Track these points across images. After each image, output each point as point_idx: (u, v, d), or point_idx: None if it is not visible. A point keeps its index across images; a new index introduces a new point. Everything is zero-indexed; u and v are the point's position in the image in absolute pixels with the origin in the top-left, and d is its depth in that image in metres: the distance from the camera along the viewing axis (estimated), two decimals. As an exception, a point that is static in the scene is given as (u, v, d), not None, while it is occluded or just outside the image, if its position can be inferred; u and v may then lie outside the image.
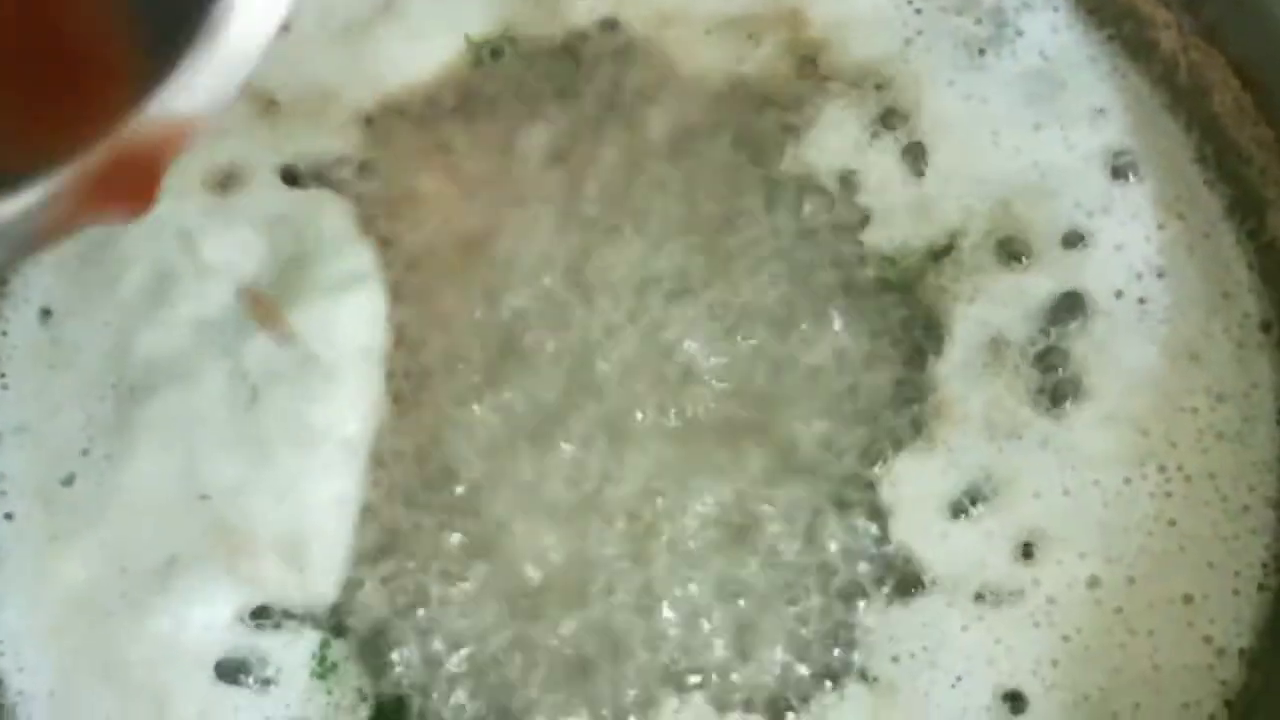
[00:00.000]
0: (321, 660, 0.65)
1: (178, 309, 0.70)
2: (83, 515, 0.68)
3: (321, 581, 0.65)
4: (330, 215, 0.71)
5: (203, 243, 0.71)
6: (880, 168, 0.69)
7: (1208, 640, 0.63)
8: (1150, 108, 0.70)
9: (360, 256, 0.70)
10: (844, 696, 0.63)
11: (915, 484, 0.65)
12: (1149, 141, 0.69)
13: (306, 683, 0.65)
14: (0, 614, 0.67)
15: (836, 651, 0.63)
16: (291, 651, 0.65)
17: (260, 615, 0.65)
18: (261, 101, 0.73)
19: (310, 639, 0.65)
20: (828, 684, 0.63)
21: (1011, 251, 0.68)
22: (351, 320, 0.69)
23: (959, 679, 0.63)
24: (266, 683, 0.65)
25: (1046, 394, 0.66)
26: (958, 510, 0.65)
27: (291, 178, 0.72)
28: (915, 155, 0.69)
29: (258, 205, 0.71)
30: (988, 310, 0.67)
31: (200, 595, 0.66)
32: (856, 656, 0.63)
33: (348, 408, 0.68)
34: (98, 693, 0.66)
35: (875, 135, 0.70)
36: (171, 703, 0.65)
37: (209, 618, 0.66)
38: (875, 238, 0.69)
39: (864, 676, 0.63)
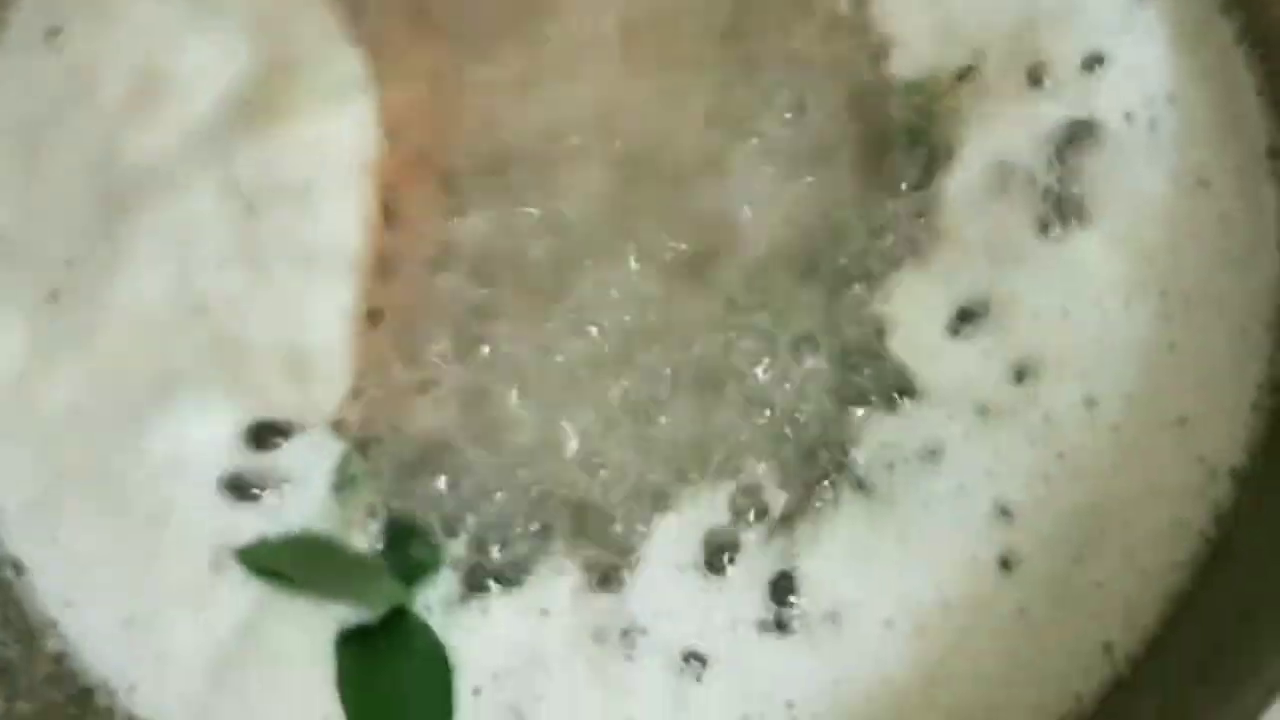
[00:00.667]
0: (342, 473, 0.64)
1: (162, 114, 0.67)
2: (70, 331, 0.66)
3: (325, 395, 0.64)
4: (317, 18, 0.68)
5: (185, 45, 0.68)
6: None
7: (1201, 460, 0.63)
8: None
9: (349, 63, 0.68)
10: (840, 504, 0.63)
11: (912, 301, 0.65)
12: (1160, -36, 0.68)
13: (318, 497, 0.63)
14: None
15: (830, 458, 0.63)
16: (300, 466, 0.64)
17: (266, 431, 0.64)
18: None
19: (321, 453, 0.64)
20: (826, 491, 0.63)
21: (1032, 74, 0.66)
22: (343, 131, 0.67)
23: (959, 487, 0.63)
24: (274, 495, 0.64)
25: (1053, 218, 0.65)
26: (954, 328, 0.64)
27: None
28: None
29: (243, 4, 0.68)
30: (999, 135, 0.66)
31: (200, 412, 0.64)
32: (855, 461, 0.63)
33: (343, 221, 0.66)
34: (84, 504, 0.64)
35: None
36: (173, 520, 0.64)
37: (210, 435, 0.64)
38: (898, 65, 0.67)
39: (860, 485, 0.63)
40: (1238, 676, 0.56)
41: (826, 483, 0.63)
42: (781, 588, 0.62)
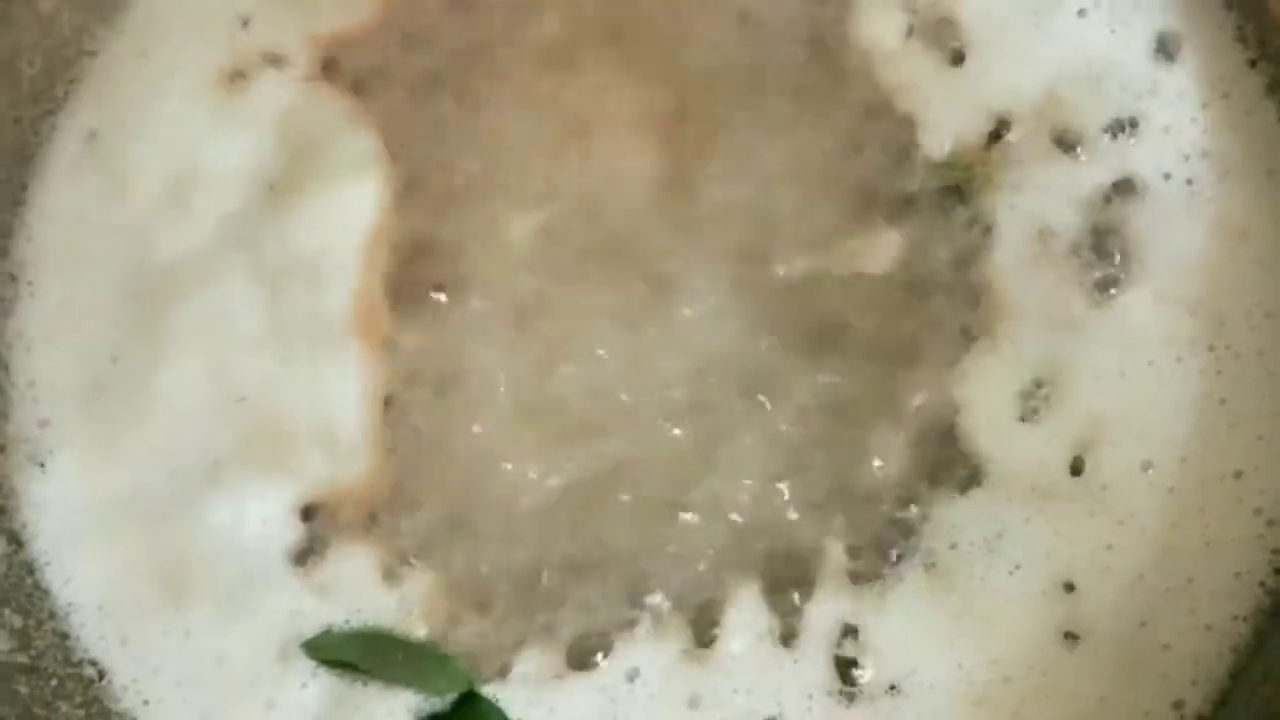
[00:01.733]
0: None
1: (194, 210, 0.69)
2: (121, 421, 0.67)
3: (359, 469, 0.66)
4: (333, 102, 0.71)
5: (213, 142, 0.70)
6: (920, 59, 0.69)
7: (1258, 512, 0.63)
8: (1190, -12, 0.70)
9: (359, 142, 0.70)
10: (904, 580, 0.64)
11: (982, 379, 0.65)
12: (1190, 23, 0.69)
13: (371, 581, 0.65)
14: (42, 523, 0.67)
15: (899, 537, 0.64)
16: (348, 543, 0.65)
17: (312, 510, 0.66)
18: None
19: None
20: (893, 567, 0.64)
21: (1063, 141, 0.67)
22: (353, 203, 0.69)
23: (1017, 567, 0.63)
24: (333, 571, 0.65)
25: (1100, 280, 0.66)
26: (1022, 407, 0.65)
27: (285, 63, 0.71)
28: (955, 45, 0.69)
29: (263, 103, 0.71)
30: (1036, 202, 0.67)
31: (253, 492, 0.66)
32: (921, 540, 0.64)
33: (355, 296, 0.67)
34: (152, 597, 0.65)
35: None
36: (239, 607, 0.65)
37: (265, 512, 0.65)
38: (925, 140, 0.68)
39: (925, 564, 0.64)
40: (1309, 729, 0.56)
41: (895, 559, 0.64)
42: (846, 660, 0.63)
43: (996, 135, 0.68)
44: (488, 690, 0.63)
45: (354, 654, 0.63)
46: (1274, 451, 0.64)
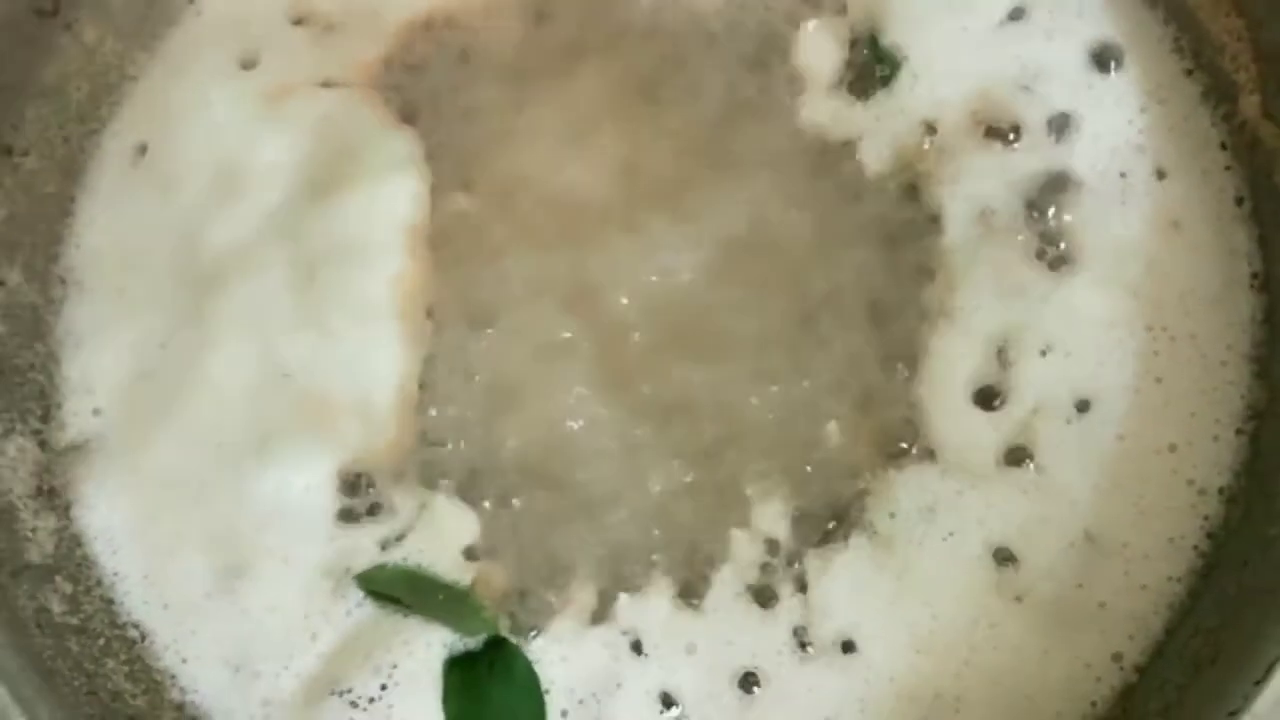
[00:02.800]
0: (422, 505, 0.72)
1: (240, 205, 0.75)
2: (170, 404, 0.74)
3: (397, 435, 0.72)
4: (371, 108, 0.78)
5: (257, 141, 0.77)
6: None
7: (1190, 483, 0.69)
8: (1130, 3, 0.75)
9: (399, 142, 0.76)
10: (848, 547, 0.70)
11: (937, 361, 0.72)
12: (1129, 33, 0.75)
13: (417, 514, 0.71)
14: (92, 500, 0.73)
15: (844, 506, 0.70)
16: (389, 507, 0.72)
17: (358, 480, 0.72)
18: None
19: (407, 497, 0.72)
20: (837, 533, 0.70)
21: (997, 133, 0.74)
22: (394, 198, 0.75)
23: (950, 534, 0.69)
24: (379, 519, 0.71)
25: (1041, 251, 0.72)
26: (974, 383, 0.71)
27: (330, 83, 0.78)
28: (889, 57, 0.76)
29: (303, 109, 0.77)
30: (975, 186, 0.73)
31: (297, 463, 0.72)
32: (863, 509, 0.70)
33: (396, 278, 0.74)
34: (195, 562, 0.72)
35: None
36: (295, 553, 0.71)
37: (310, 480, 0.72)
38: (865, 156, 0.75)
39: (865, 530, 0.70)
40: (1230, 672, 0.62)
41: (840, 525, 0.70)
42: (798, 620, 0.69)
43: (931, 132, 0.74)
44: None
45: (400, 589, 0.70)
46: (1206, 427, 0.70)
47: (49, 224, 0.77)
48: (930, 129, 0.74)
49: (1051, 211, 0.72)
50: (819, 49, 0.77)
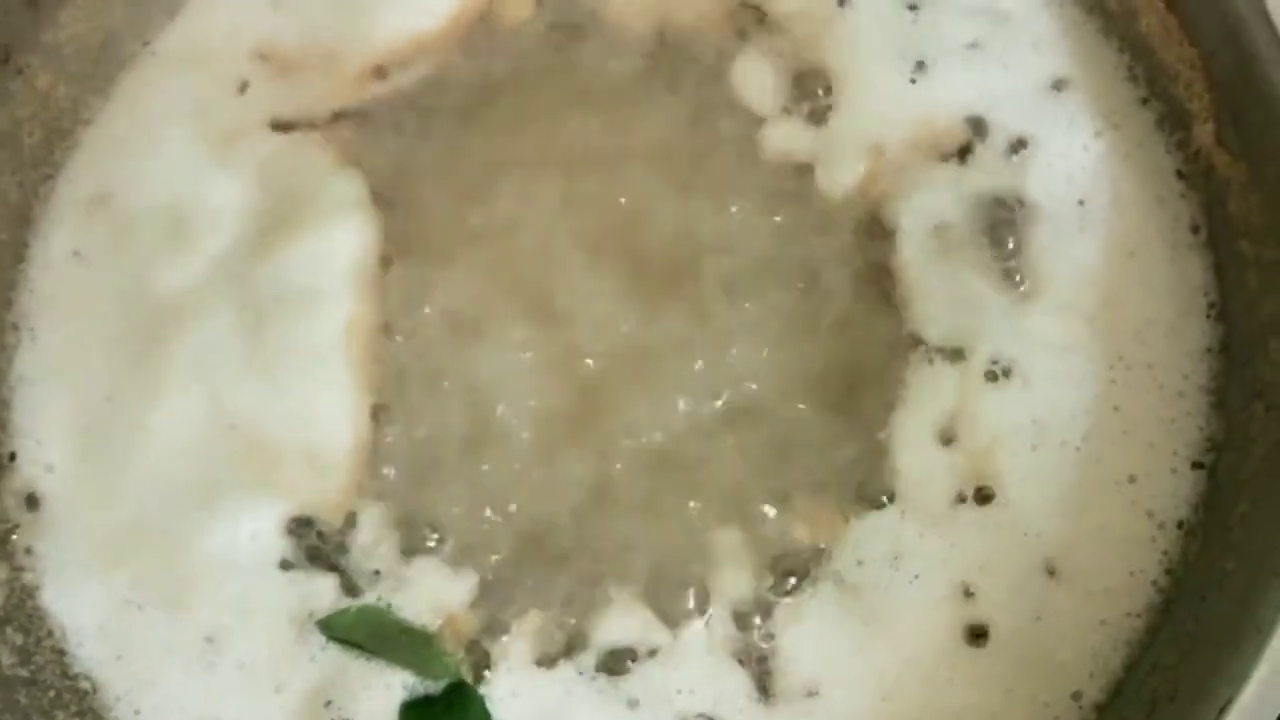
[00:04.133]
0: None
1: (190, 249, 0.75)
2: (117, 457, 0.73)
3: (347, 481, 0.72)
4: (318, 152, 0.77)
5: (209, 187, 0.77)
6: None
7: (1150, 515, 0.69)
8: (1085, 32, 0.75)
9: (346, 185, 0.76)
10: (816, 594, 0.69)
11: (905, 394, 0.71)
12: (1084, 63, 0.75)
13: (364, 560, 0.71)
14: (43, 552, 0.72)
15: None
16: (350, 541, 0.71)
17: (303, 526, 0.71)
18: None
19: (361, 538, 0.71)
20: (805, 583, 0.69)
21: (947, 154, 0.73)
22: (342, 242, 0.75)
23: (916, 577, 0.68)
24: (332, 566, 0.71)
25: (999, 268, 0.72)
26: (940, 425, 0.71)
27: (283, 126, 0.78)
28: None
29: (253, 152, 0.77)
30: (928, 202, 0.73)
31: (245, 512, 0.71)
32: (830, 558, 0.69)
33: (345, 323, 0.73)
34: (147, 615, 0.71)
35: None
36: (245, 608, 0.70)
37: (256, 528, 0.71)
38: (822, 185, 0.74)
39: (834, 579, 0.69)
40: (1187, 710, 0.61)
41: (806, 576, 0.69)
42: (763, 668, 0.68)
43: (879, 155, 0.74)
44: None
45: (361, 634, 0.70)
46: (1164, 459, 0.69)
47: (2, 270, 0.77)
48: (879, 151, 0.74)
49: (1008, 236, 0.72)
50: (758, 79, 0.76)
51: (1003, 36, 0.75)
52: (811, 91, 0.75)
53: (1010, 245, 0.72)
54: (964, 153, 0.74)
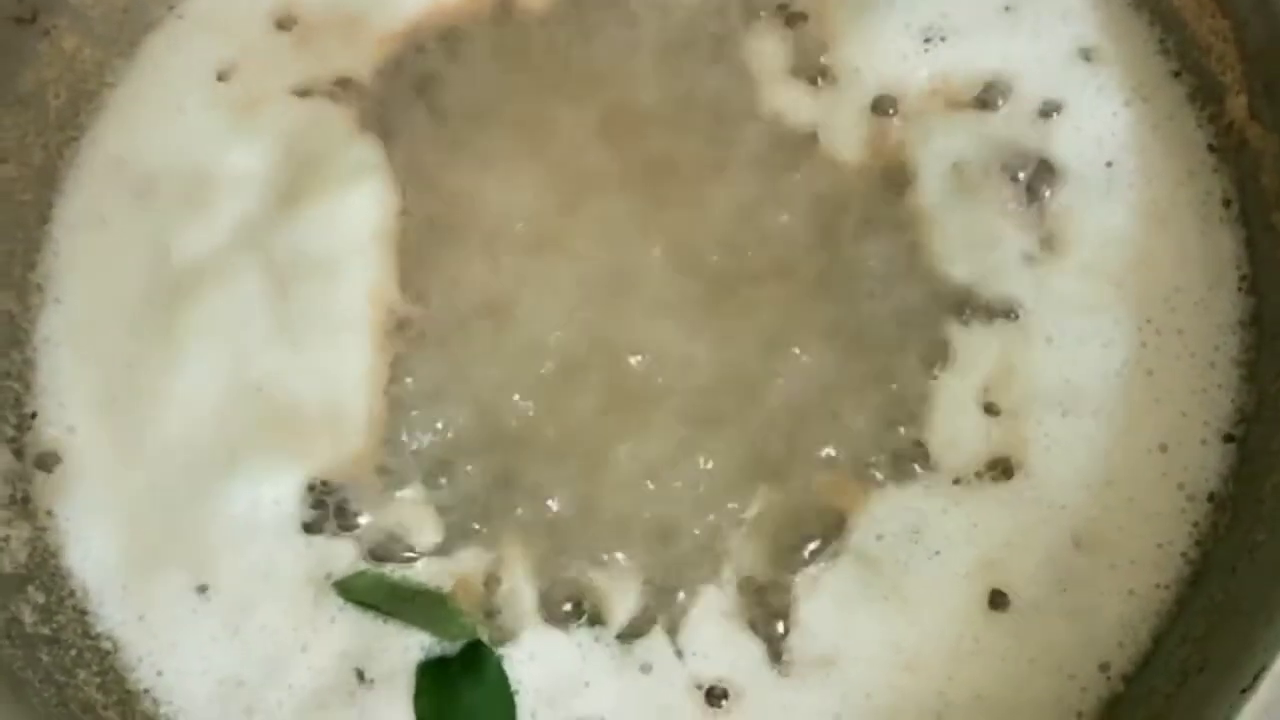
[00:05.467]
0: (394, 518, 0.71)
1: (210, 213, 0.75)
2: (138, 421, 0.73)
3: (368, 444, 0.71)
4: (338, 118, 0.77)
5: (231, 151, 0.77)
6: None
7: (1180, 487, 0.68)
8: (1115, 4, 0.75)
9: (363, 150, 0.76)
10: (836, 567, 0.69)
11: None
12: (1115, 36, 0.74)
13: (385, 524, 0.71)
14: (65, 513, 0.72)
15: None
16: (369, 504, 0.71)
17: (324, 488, 0.71)
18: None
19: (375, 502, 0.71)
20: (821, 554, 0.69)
21: (962, 103, 0.74)
22: (359, 207, 0.75)
23: (937, 553, 0.68)
24: (352, 528, 0.70)
25: (1023, 202, 0.72)
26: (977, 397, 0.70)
27: (304, 91, 0.78)
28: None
29: (274, 117, 0.77)
30: (945, 145, 0.73)
31: (266, 475, 0.71)
32: (850, 531, 0.69)
33: (366, 288, 0.73)
34: (170, 578, 0.71)
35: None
36: (267, 570, 0.70)
37: (281, 492, 0.71)
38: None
39: (854, 552, 0.69)
40: (1217, 681, 0.60)
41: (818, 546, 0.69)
42: (778, 637, 0.68)
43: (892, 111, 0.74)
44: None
45: (377, 596, 0.70)
46: (1196, 429, 0.69)
47: (26, 231, 0.77)
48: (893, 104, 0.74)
49: (1029, 181, 0.72)
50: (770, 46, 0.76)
51: (1035, 5, 0.74)
52: (815, 58, 0.76)
53: (1034, 197, 0.71)
54: (985, 105, 0.73)
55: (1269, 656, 0.58)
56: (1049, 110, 0.73)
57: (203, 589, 0.70)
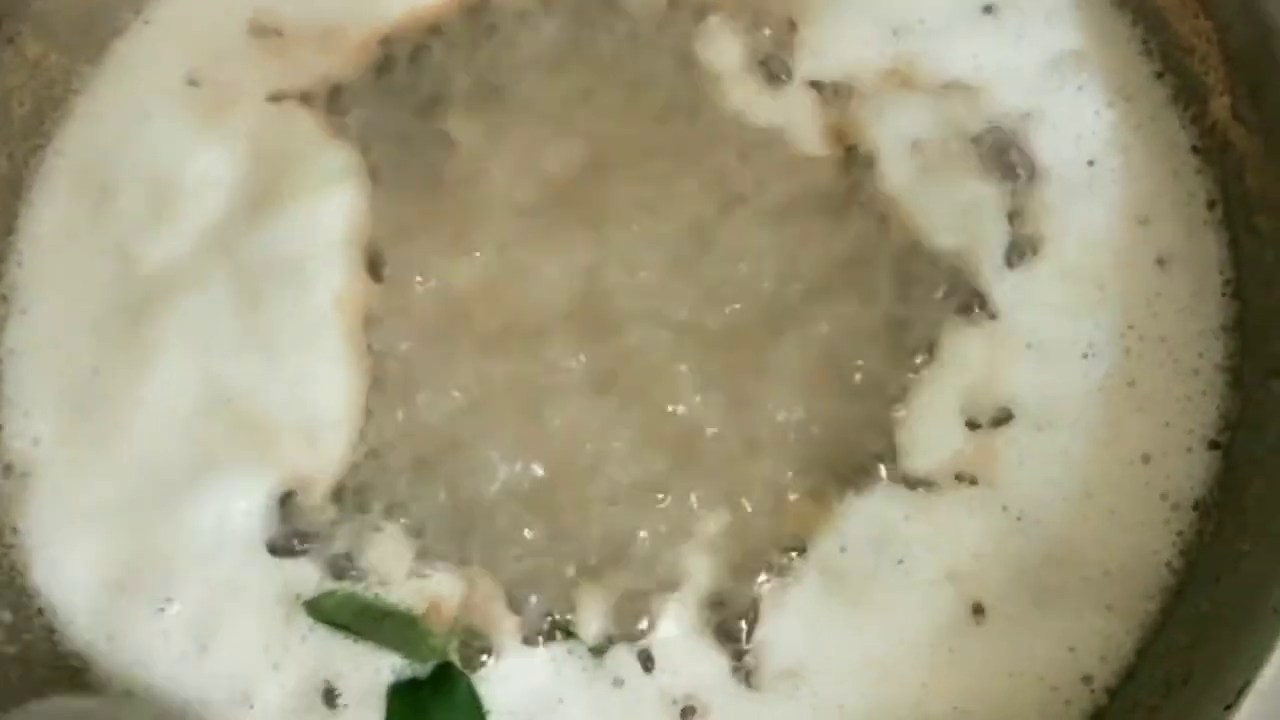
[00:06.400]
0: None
1: (176, 220, 0.74)
2: (105, 432, 0.72)
3: (340, 456, 0.70)
4: (310, 123, 0.76)
5: (199, 158, 0.75)
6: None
7: (1164, 497, 0.67)
8: (1097, 4, 0.74)
9: (335, 155, 0.74)
10: (800, 581, 0.68)
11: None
12: (1097, 36, 0.73)
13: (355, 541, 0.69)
14: (32, 529, 0.71)
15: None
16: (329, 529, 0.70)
17: (293, 499, 0.70)
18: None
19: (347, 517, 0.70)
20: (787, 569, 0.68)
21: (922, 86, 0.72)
22: (330, 211, 0.73)
23: (900, 561, 0.67)
24: (314, 556, 0.69)
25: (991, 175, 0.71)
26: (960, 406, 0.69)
27: (276, 97, 0.76)
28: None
29: (241, 121, 0.76)
30: (902, 124, 0.72)
31: (238, 487, 0.70)
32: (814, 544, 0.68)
33: (337, 295, 0.72)
34: (138, 594, 0.70)
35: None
36: (237, 587, 0.69)
37: (248, 505, 0.70)
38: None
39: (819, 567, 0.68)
40: (1202, 694, 0.60)
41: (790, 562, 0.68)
42: (744, 651, 0.67)
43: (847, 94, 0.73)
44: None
45: (347, 617, 0.69)
46: (1179, 437, 0.68)
47: (-9, 241, 0.76)
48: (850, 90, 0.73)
49: (1015, 197, 0.71)
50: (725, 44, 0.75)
51: (1017, 5, 0.73)
52: (782, 51, 0.74)
53: (1016, 212, 0.70)
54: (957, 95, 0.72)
55: (1253, 671, 0.57)
56: (1027, 110, 0.72)
57: (171, 606, 0.69)
